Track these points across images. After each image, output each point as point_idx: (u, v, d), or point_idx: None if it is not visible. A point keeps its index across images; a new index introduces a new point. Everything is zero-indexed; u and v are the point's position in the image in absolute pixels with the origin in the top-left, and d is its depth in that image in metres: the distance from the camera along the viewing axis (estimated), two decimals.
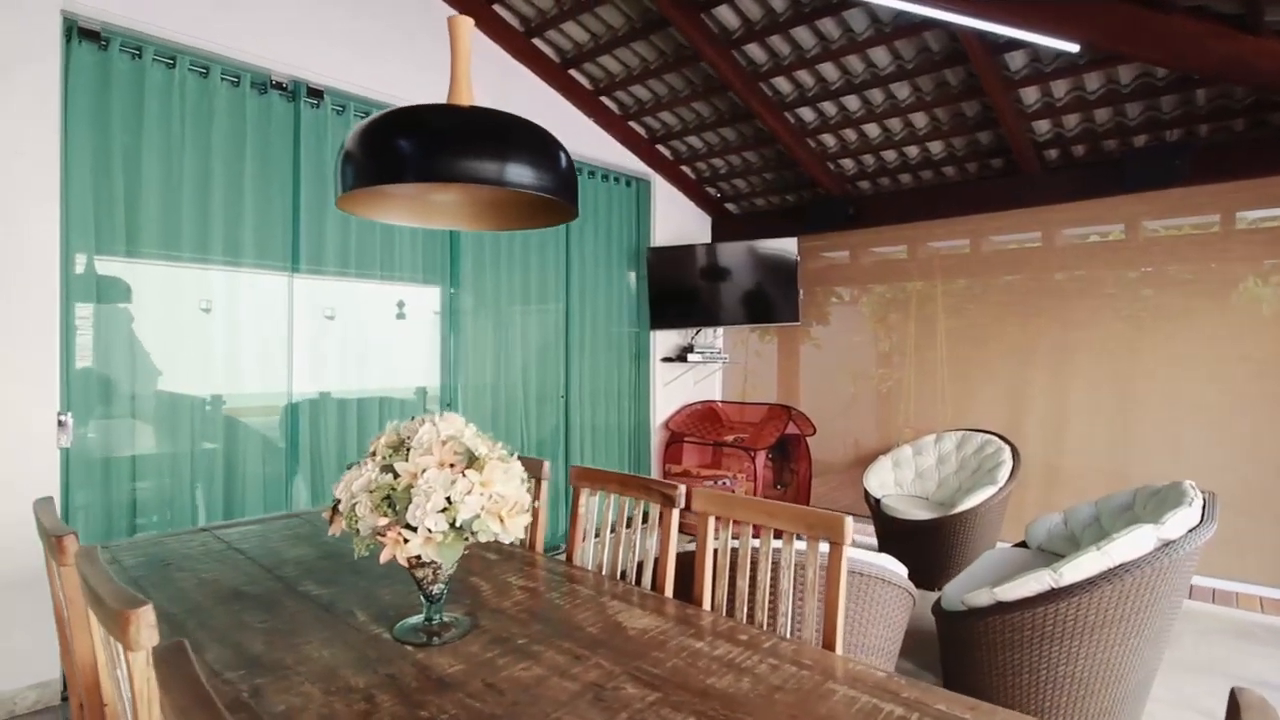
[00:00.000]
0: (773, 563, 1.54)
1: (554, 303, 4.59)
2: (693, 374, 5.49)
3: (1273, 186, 3.57)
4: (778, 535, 1.59)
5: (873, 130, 4.36)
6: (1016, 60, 3.52)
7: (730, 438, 4.84)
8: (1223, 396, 3.73)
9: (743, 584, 1.58)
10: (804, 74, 3.99)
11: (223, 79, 3.16)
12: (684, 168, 5.29)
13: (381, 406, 3.73)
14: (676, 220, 5.43)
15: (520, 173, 1.38)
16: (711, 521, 1.65)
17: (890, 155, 4.57)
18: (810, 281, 5.36)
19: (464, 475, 1.32)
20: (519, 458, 2.25)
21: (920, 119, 4.16)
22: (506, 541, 1.38)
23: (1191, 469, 3.77)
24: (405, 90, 3.66)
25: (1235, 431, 3.70)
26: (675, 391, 5.37)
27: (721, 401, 5.61)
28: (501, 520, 1.35)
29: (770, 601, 1.52)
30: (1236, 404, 3.70)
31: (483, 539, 1.33)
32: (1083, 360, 4.14)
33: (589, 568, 1.93)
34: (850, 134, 4.45)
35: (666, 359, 5.27)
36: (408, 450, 1.39)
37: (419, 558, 1.33)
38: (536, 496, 2.08)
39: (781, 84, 4.10)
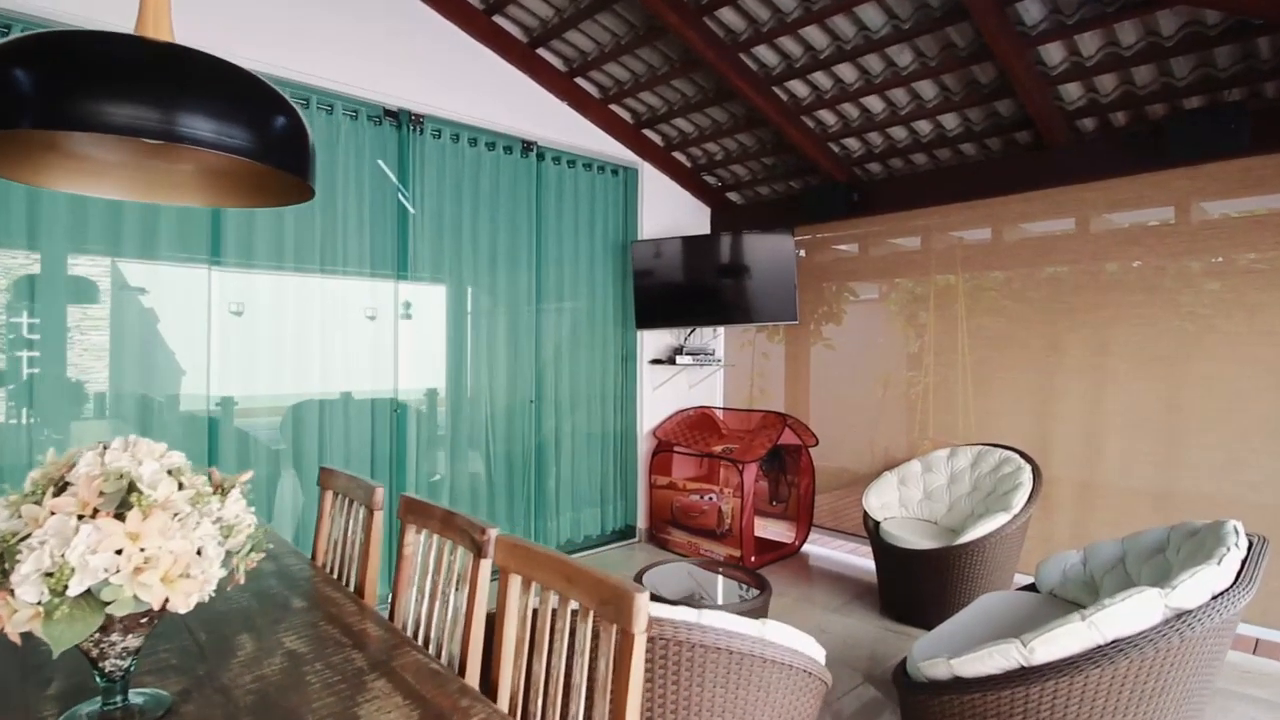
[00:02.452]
0: (569, 643, 1.14)
1: (525, 301, 4.25)
2: (686, 377, 5.06)
3: None
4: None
5: (875, 104, 3.85)
6: (1031, 11, 2.97)
7: (719, 448, 4.39)
8: None
9: (539, 669, 1.19)
10: (788, 41, 3.52)
11: None
12: (676, 154, 4.87)
13: (322, 409, 3.47)
14: (670, 211, 5.02)
15: (202, 126, 1.02)
16: (515, 582, 1.26)
17: (899, 133, 4.04)
18: (817, 277, 4.86)
19: (96, 525, 0.98)
20: (360, 483, 1.91)
21: (928, 89, 3.63)
22: (181, 612, 1.03)
23: (1255, 496, 3.13)
24: (347, 75, 3.40)
25: None
26: (667, 396, 4.95)
27: (722, 408, 5.16)
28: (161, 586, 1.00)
29: (564, 697, 1.12)
30: None
31: (120, 612, 0.99)
32: (1124, 364, 3.52)
33: (409, 626, 1.57)
34: (850, 109, 3.94)
35: (656, 361, 4.86)
36: (63, 487, 1.06)
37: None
38: (369, 530, 1.73)
39: (764, 54, 3.64)
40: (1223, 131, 2.94)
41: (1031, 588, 2.72)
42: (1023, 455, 3.54)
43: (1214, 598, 1.64)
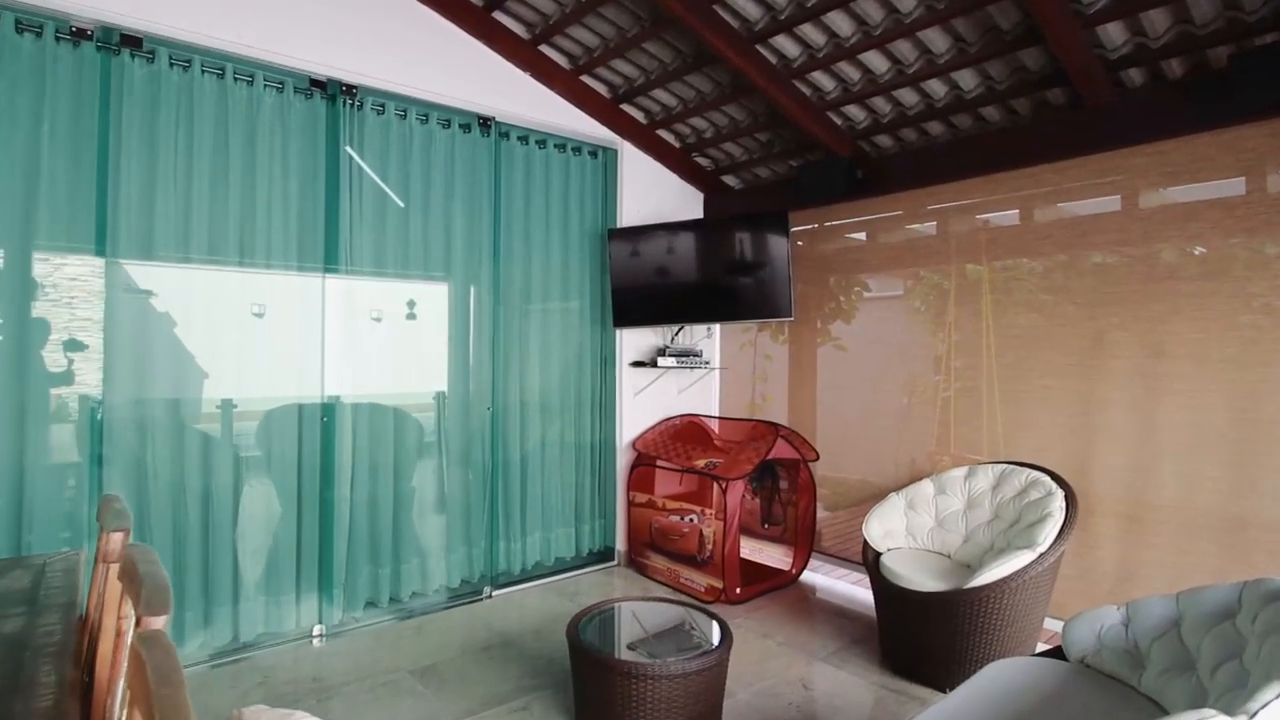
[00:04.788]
0: None
1: (486, 298, 3.80)
2: (674, 382, 4.54)
3: None
4: None
5: (878, 63, 3.28)
6: None
7: (702, 462, 3.86)
8: None
9: None
10: None
11: (19, 29, 2.61)
12: (661, 132, 4.36)
13: (243, 418, 3.09)
14: (657, 197, 4.52)
15: None
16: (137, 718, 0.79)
17: (909, 97, 3.46)
18: (823, 268, 4.29)
19: None
20: (112, 517, 1.46)
21: (938, 39, 3.05)
22: None
23: None
24: (262, 38, 3.01)
25: None
26: (651, 403, 4.44)
27: (718, 417, 4.64)
28: None
29: None
30: None
31: None
32: (1183, 368, 2.88)
33: None
34: (849, 70, 3.38)
35: (638, 364, 4.36)
36: None
37: None
38: (99, 589, 1.28)
39: (742, 4, 3.12)
40: None
41: (1058, 653, 2.14)
42: (1054, 477, 2.93)
43: None
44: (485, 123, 3.75)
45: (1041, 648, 2.75)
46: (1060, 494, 2.80)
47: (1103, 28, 2.72)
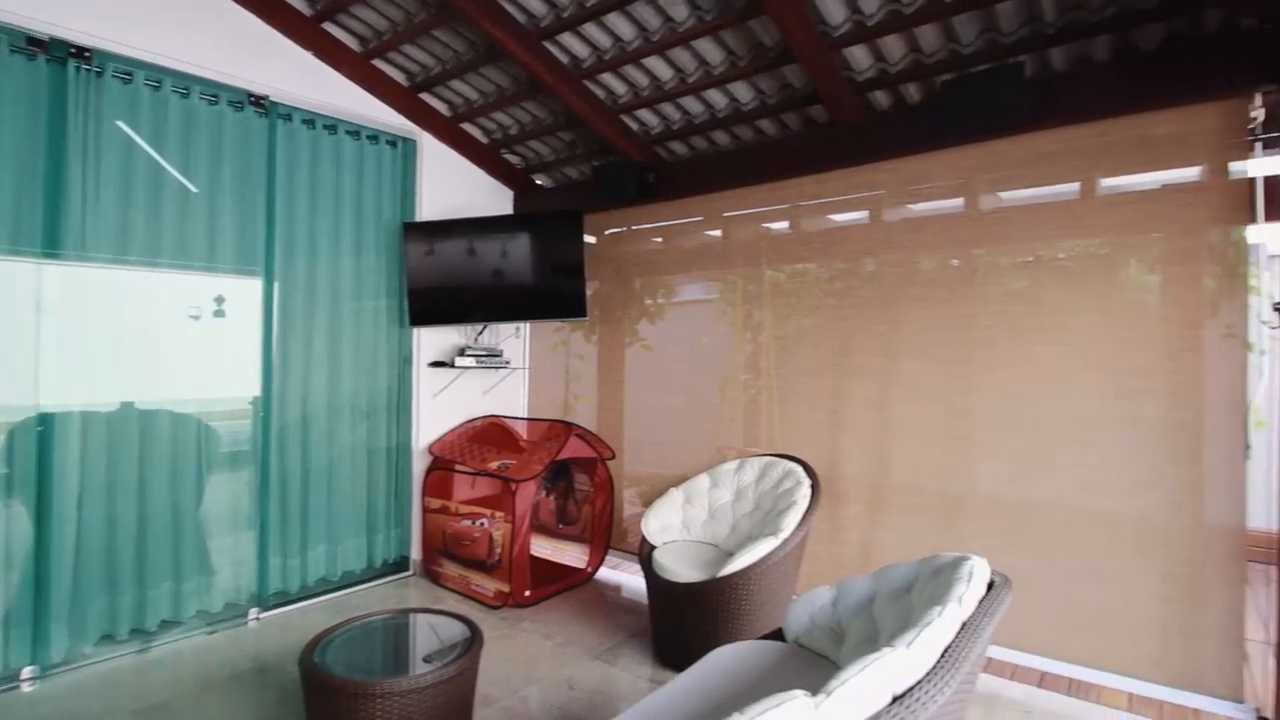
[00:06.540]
0: None
1: (259, 291, 3.51)
2: (477, 383, 4.44)
3: (1142, 125, 2.62)
4: None
5: (663, 70, 3.37)
6: None
7: (495, 464, 3.79)
8: (1078, 418, 2.78)
9: None
10: None
11: None
12: (466, 126, 4.25)
13: None
14: (464, 193, 4.40)
15: None
16: None
17: (695, 106, 3.59)
18: (627, 270, 4.35)
19: None
20: None
21: (712, 51, 3.18)
22: None
23: (1041, 507, 2.82)
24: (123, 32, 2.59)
25: (1093, 458, 2.74)
26: (452, 405, 4.30)
27: (527, 418, 4.57)
28: None
29: None
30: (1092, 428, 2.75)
31: None
32: (912, 366, 3.16)
33: None
34: (638, 75, 3.45)
35: (438, 364, 4.21)
36: None
37: None
38: None
39: None
40: (999, 99, 2.59)
41: (779, 635, 2.26)
42: (806, 468, 3.13)
43: (895, 700, 1.17)
44: (259, 101, 3.47)
45: None
46: (807, 483, 2.99)
47: (849, 51, 2.94)
